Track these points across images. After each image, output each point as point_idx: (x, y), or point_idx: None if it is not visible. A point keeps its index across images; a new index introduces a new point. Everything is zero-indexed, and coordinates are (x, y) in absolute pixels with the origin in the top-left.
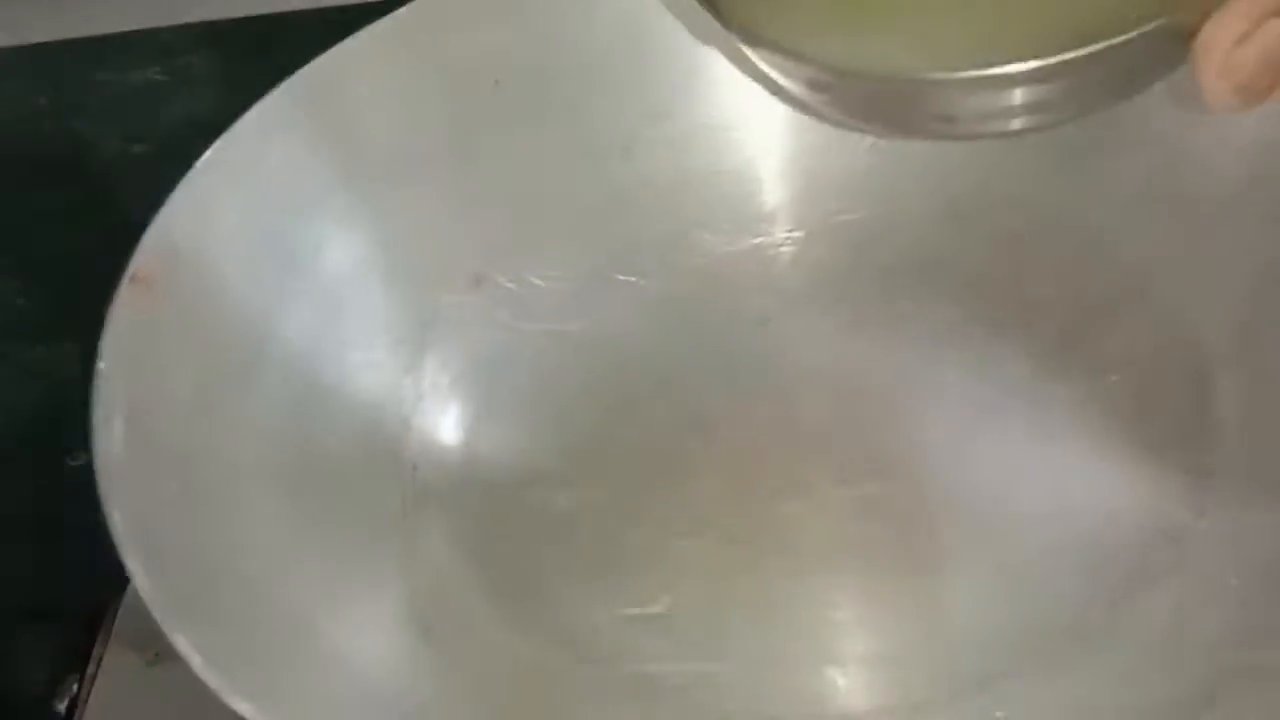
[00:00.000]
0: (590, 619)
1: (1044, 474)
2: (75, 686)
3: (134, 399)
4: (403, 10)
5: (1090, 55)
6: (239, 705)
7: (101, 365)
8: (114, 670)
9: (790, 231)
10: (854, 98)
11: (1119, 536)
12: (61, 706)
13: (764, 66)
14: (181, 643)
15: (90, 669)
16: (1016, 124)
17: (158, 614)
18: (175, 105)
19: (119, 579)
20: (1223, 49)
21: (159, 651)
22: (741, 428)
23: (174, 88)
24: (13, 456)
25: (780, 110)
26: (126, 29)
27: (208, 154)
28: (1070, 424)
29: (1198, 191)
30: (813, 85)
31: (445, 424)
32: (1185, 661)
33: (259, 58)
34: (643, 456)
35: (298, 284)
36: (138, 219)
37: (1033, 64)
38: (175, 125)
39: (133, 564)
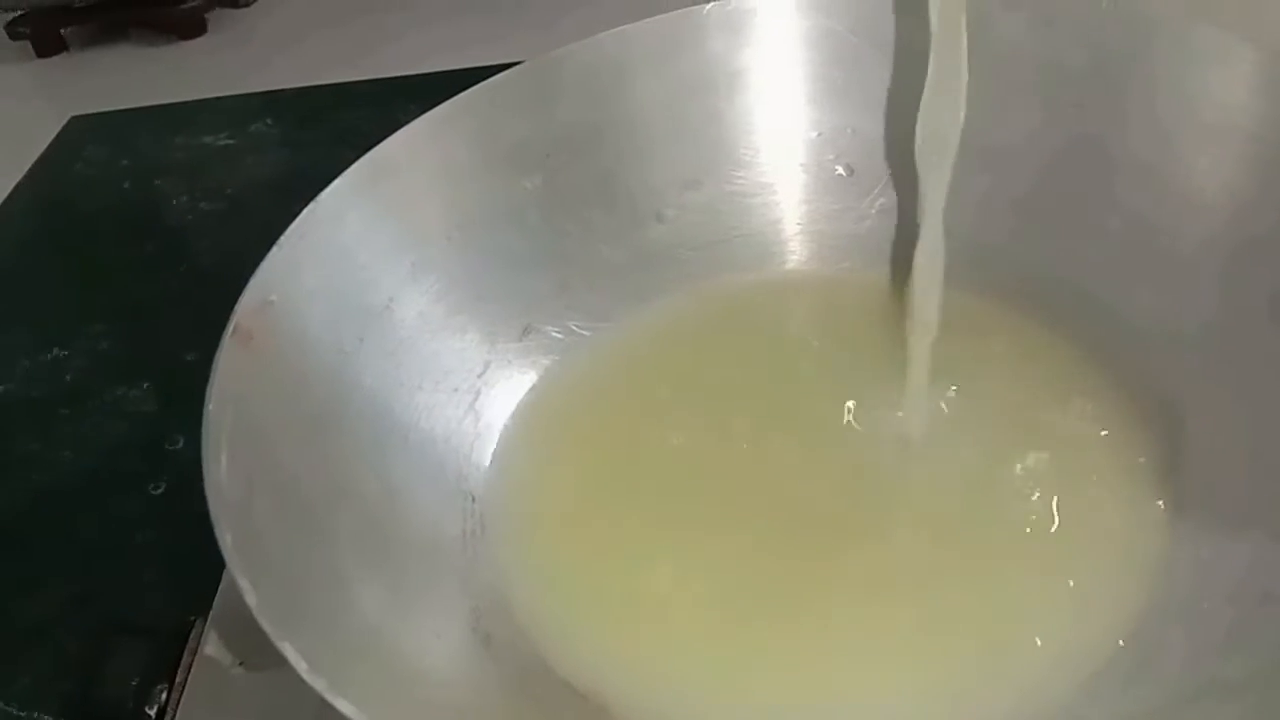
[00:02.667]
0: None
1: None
2: (164, 695)
3: (235, 435)
4: (462, 95)
5: None
6: (341, 705)
7: (210, 406)
8: (201, 679)
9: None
10: None
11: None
12: (152, 712)
13: None
14: (289, 650)
15: (179, 678)
16: None
17: (266, 624)
18: (242, 167)
19: (202, 596)
20: None
21: (244, 661)
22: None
23: (242, 151)
24: (100, 488)
25: (798, 181)
26: (200, 98)
27: (294, 224)
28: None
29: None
30: None
31: (500, 458)
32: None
33: (318, 124)
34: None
35: (371, 335)
36: (208, 269)
37: None
38: (242, 185)
39: (242, 579)
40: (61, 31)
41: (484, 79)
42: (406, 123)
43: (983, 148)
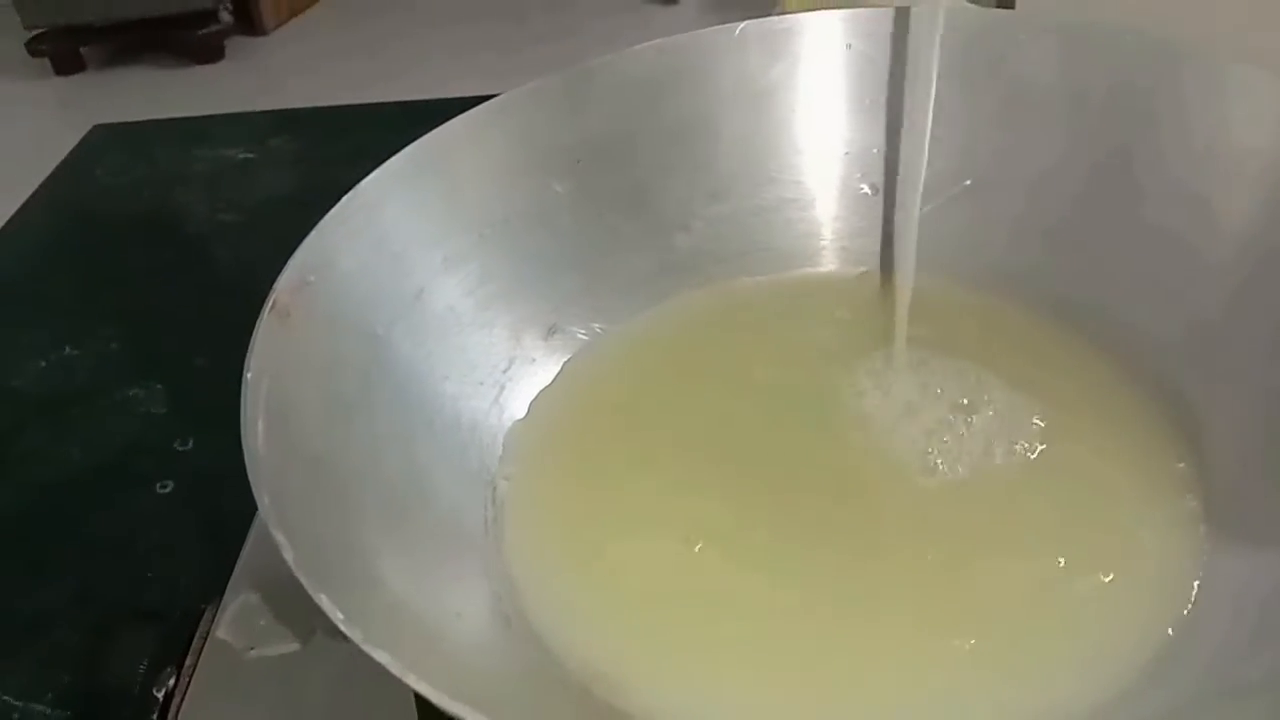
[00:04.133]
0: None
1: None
2: (173, 679)
3: (271, 405)
4: (503, 96)
5: None
6: (378, 655)
7: (248, 375)
8: (212, 661)
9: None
10: None
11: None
12: (160, 693)
13: None
14: (325, 601)
15: (188, 661)
16: None
17: (304, 576)
18: (260, 181)
19: (210, 590)
20: None
21: (253, 645)
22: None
23: (260, 165)
24: (110, 485)
25: (824, 198)
26: (221, 112)
27: (335, 208)
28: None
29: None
30: None
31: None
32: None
33: (337, 142)
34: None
35: (402, 323)
36: (223, 278)
37: None
38: (259, 199)
39: (280, 535)
40: (81, 50)
41: None
42: None
43: (1008, 174)
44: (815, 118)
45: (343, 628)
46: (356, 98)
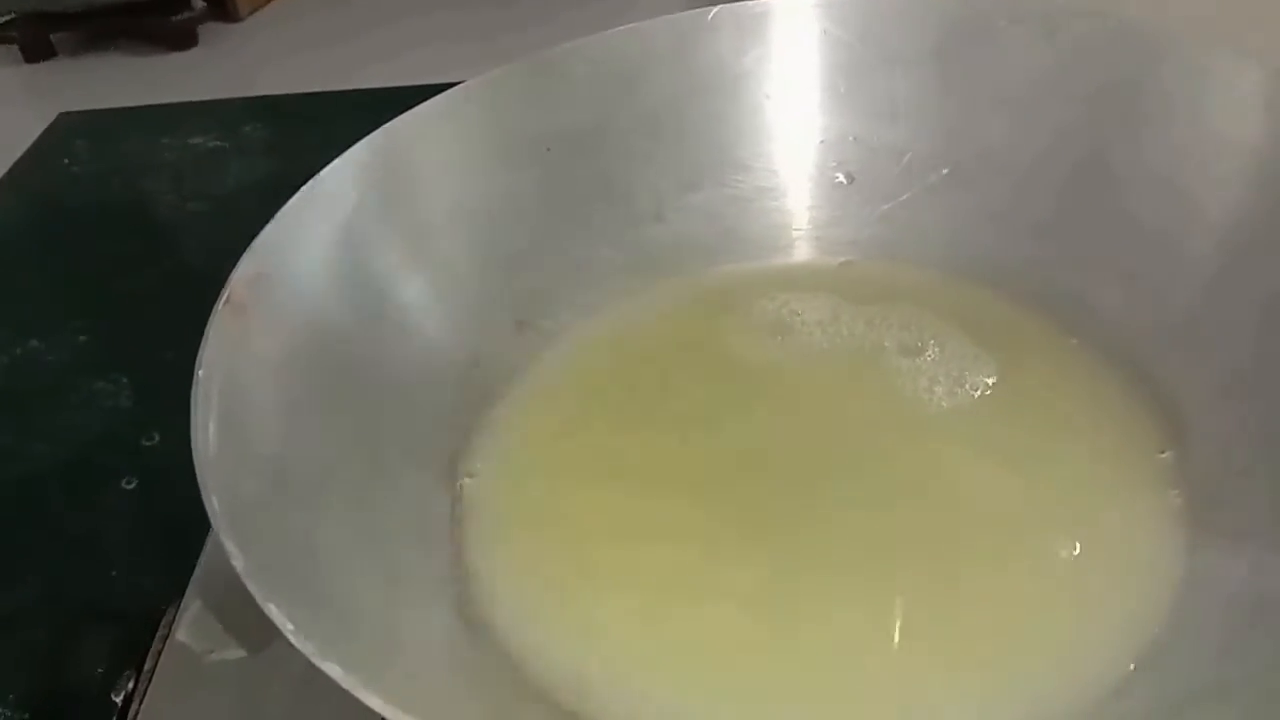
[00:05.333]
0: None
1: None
2: (131, 682)
3: (224, 404)
4: (468, 84)
5: None
6: (330, 669)
7: (200, 372)
8: (170, 666)
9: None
10: None
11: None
12: (119, 698)
13: None
14: (275, 612)
15: (147, 665)
16: None
17: (253, 585)
18: (231, 170)
19: (172, 589)
20: None
21: (213, 649)
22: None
23: (230, 154)
24: (75, 480)
25: (799, 187)
26: (192, 99)
27: (295, 197)
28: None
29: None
30: None
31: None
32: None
33: (309, 130)
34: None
35: (366, 315)
36: (192, 269)
37: None
38: (230, 188)
39: (229, 542)
40: (51, 37)
41: None
42: None
43: (989, 164)
44: (789, 105)
45: (293, 640)
46: (332, 84)
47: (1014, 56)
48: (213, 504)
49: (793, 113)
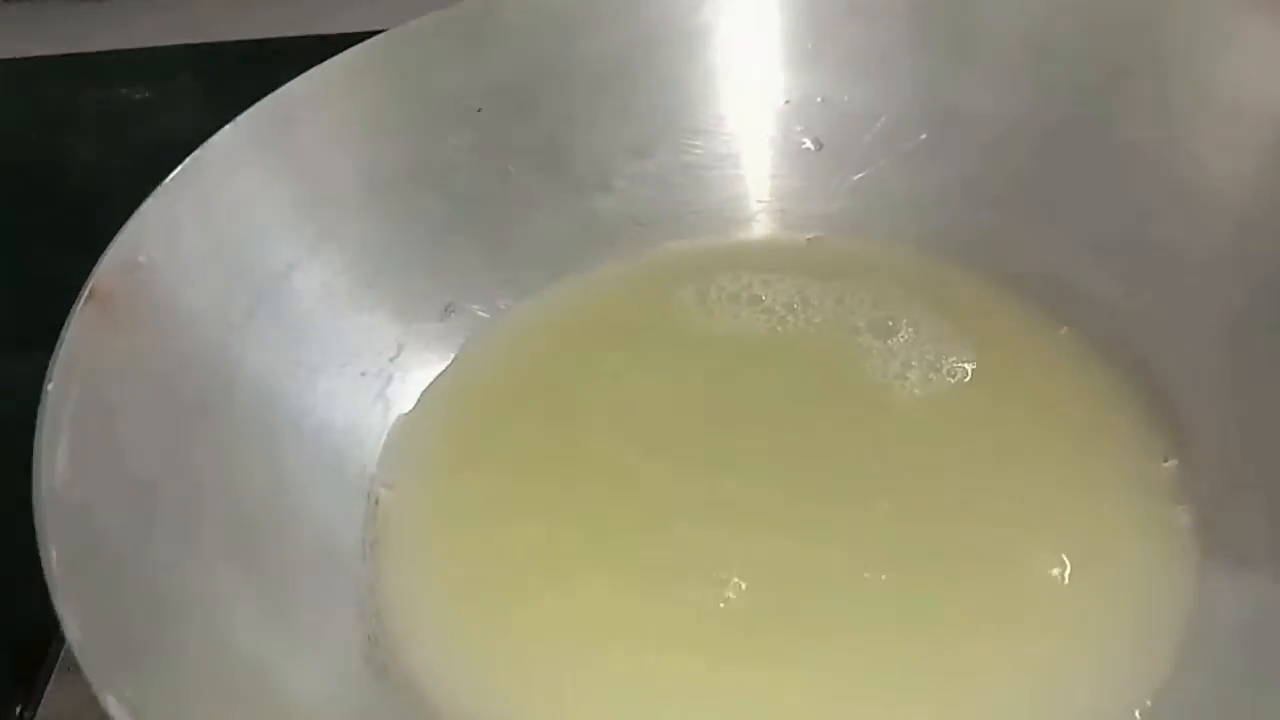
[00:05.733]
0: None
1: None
2: (19, 711)
3: (83, 425)
4: (382, 36)
5: None
6: None
7: (49, 386)
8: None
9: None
10: None
11: None
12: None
13: None
14: (111, 704)
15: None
16: None
17: (87, 667)
18: (158, 124)
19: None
20: None
21: None
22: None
23: (158, 106)
24: None
25: (761, 153)
26: (115, 48)
27: (176, 172)
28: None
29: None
30: None
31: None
32: None
33: (242, 80)
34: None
35: (265, 308)
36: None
37: None
38: (157, 143)
39: (65, 608)
40: None
41: None
42: None
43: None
44: (751, 62)
45: None
46: (274, 30)
47: (999, 8)
48: (50, 556)
49: (755, 71)
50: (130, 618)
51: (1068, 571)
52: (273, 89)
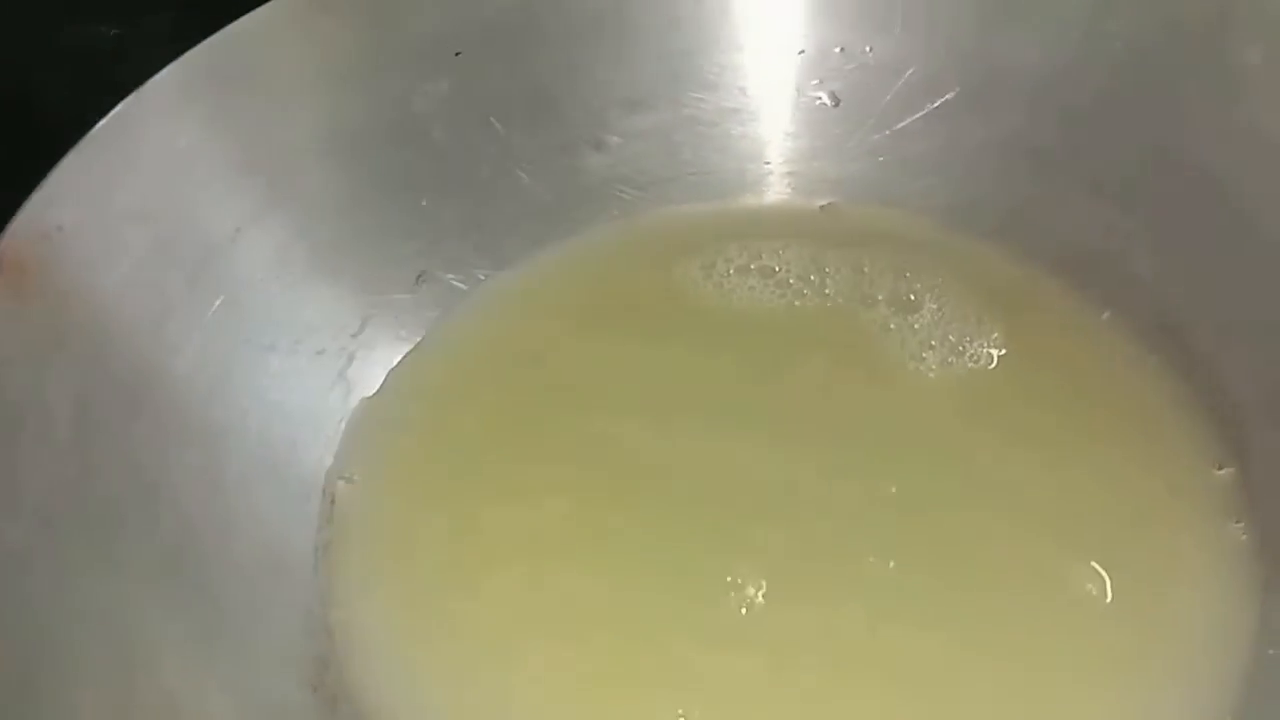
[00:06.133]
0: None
1: None
2: None
3: None
4: None
5: None
6: None
7: None
8: None
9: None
10: None
11: None
12: None
13: None
14: None
15: None
16: None
17: None
18: (130, 63)
19: None
20: None
21: None
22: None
23: (130, 45)
24: None
25: (772, 110)
26: None
27: (100, 125)
28: None
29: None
30: None
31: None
32: None
33: (222, 20)
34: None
35: (207, 277)
36: None
37: None
38: (129, 84)
39: None
40: None
41: None
42: None
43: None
44: (763, 5)
45: None
46: None
47: None
48: None
49: (766, 15)
50: (29, 651)
51: (1107, 590)
52: None
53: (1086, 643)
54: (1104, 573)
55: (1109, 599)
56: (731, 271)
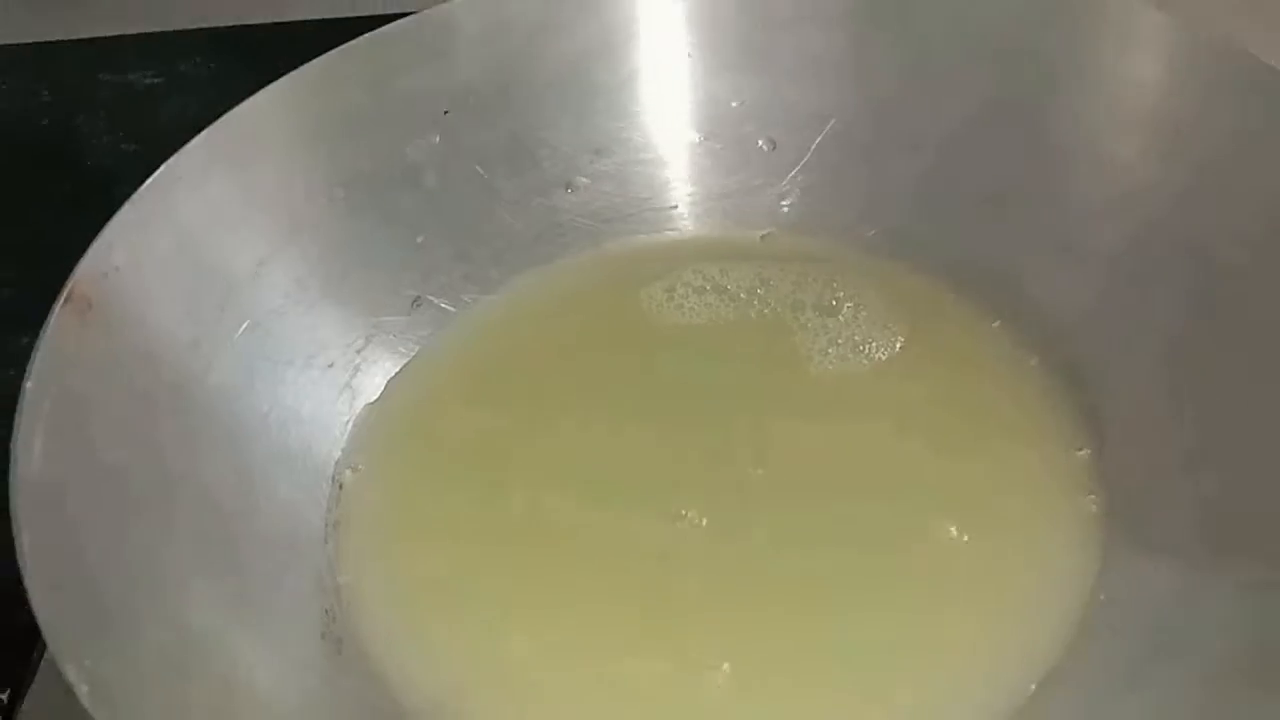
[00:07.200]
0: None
1: None
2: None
3: (58, 417)
4: (355, 42)
5: None
6: None
7: (28, 384)
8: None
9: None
10: None
11: None
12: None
13: None
14: (71, 672)
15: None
16: None
17: (51, 640)
18: (169, 107)
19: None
20: None
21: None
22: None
23: (168, 90)
24: None
25: (716, 154)
26: (128, 32)
27: (148, 182)
28: None
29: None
30: None
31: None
32: None
33: (253, 64)
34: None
35: (235, 304)
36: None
37: None
38: (168, 127)
39: (34, 586)
40: None
41: None
42: None
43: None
44: (707, 64)
45: (86, 704)
46: (276, 15)
47: (935, 17)
48: (23, 541)
49: (710, 72)
50: (96, 597)
51: (968, 539)
52: (279, 73)
53: (946, 576)
54: (968, 526)
55: (968, 549)
56: (690, 292)
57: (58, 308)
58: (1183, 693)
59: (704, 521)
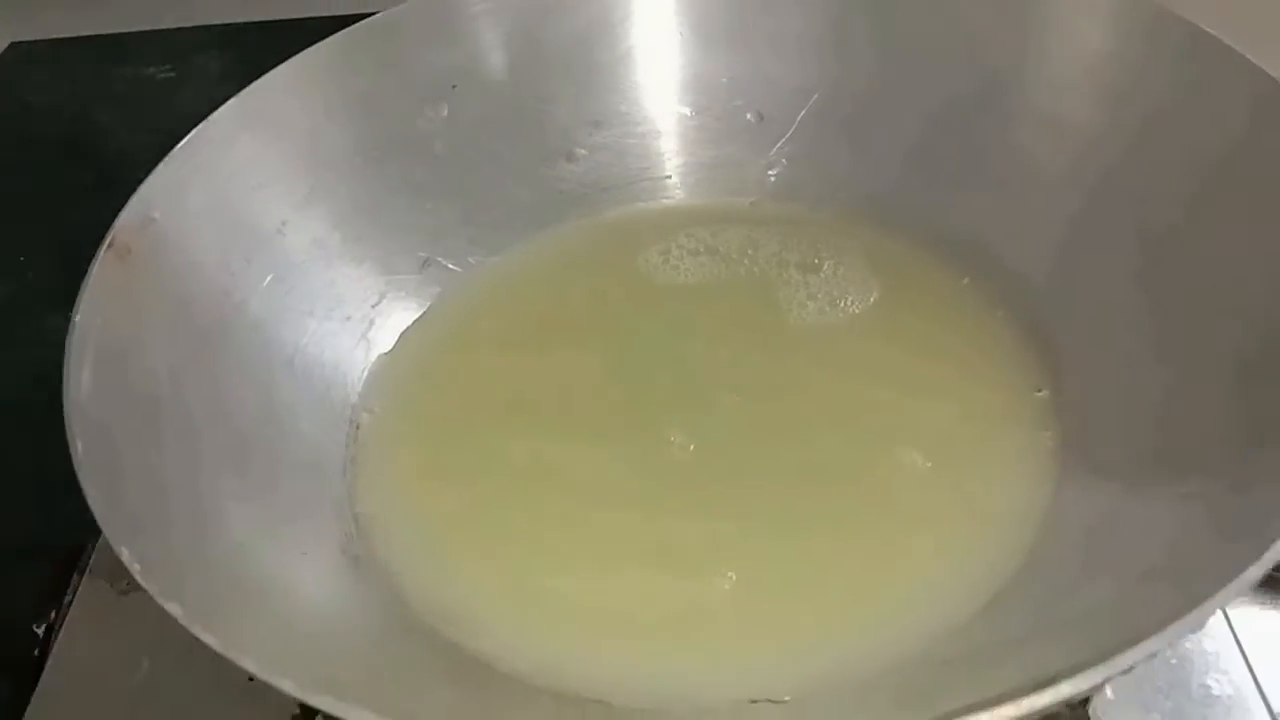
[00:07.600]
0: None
1: None
2: (54, 613)
3: (103, 348)
4: (370, 20)
5: None
6: (171, 607)
7: (76, 318)
8: (89, 599)
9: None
10: None
11: None
12: (40, 629)
13: None
14: (124, 553)
15: (68, 597)
16: None
17: (105, 526)
18: (184, 101)
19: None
20: None
21: (129, 583)
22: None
23: (184, 84)
24: (21, 417)
25: (707, 126)
26: (146, 28)
27: (187, 138)
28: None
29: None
30: None
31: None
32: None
33: (268, 60)
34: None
35: (261, 258)
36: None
37: None
38: (183, 119)
39: (89, 484)
40: None
41: None
42: None
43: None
44: (699, 42)
45: (139, 580)
46: (287, 12)
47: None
48: (77, 448)
49: (702, 50)
50: (140, 500)
51: (930, 468)
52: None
53: (913, 498)
54: (933, 455)
55: (931, 468)
56: (684, 254)
57: (101, 253)
58: (1116, 595)
59: (691, 447)
